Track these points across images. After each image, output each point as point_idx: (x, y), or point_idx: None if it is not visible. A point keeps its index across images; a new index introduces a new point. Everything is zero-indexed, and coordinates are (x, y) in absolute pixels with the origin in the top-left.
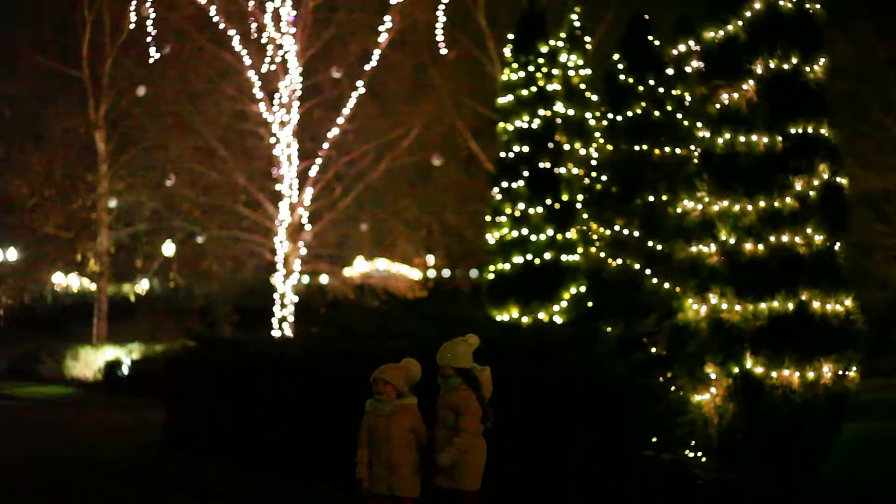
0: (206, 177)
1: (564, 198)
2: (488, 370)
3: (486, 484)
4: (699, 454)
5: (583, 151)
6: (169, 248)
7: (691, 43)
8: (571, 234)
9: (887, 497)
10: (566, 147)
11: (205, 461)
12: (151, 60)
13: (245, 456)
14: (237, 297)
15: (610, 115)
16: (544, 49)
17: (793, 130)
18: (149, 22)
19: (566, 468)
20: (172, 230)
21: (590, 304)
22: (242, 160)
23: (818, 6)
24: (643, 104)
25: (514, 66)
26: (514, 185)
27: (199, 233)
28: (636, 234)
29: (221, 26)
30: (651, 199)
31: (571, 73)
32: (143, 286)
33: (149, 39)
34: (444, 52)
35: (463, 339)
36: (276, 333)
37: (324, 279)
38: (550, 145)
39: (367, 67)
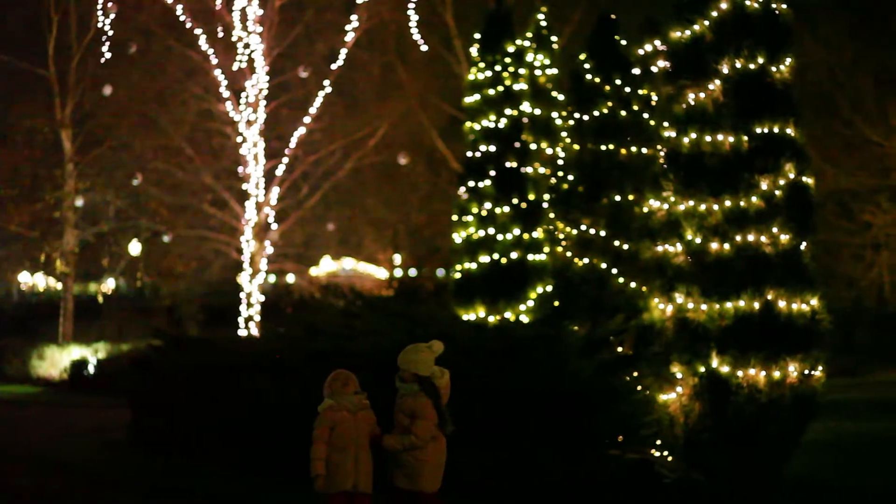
0: (172, 176)
1: (531, 197)
2: (447, 375)
3: (454, 484)
4: (665, 453)
5: (549, 151)
6: (135, 248)
7: (658, 43)
8: (538, 233)
9: (851, 496)
10: (533, 146)
11: (170, 460)
12: (116, 59)
13: (211, 455)
14: (203, 296)
15: (576, 115)
16: (511, 49)
17: (759, 130)
18: (113, 21)
19: (533, 467)
20: (139, 229)
21: (556, 303)
22: (209, 159)
23: (784, 6)
24: (610, 104)
25: (481, 65)
26: (480, 184)
27: (166, 232)
28: (602, 233)
29: (188, 25)
30: (617, 198)
31: (538, 72)
32: (109, 285)
33: (115, 39)
34: (424, 48)
35: (427, 345)
36: (242, 332)
37: (290, 278)
38: (517, 145)
39: (333, 66)
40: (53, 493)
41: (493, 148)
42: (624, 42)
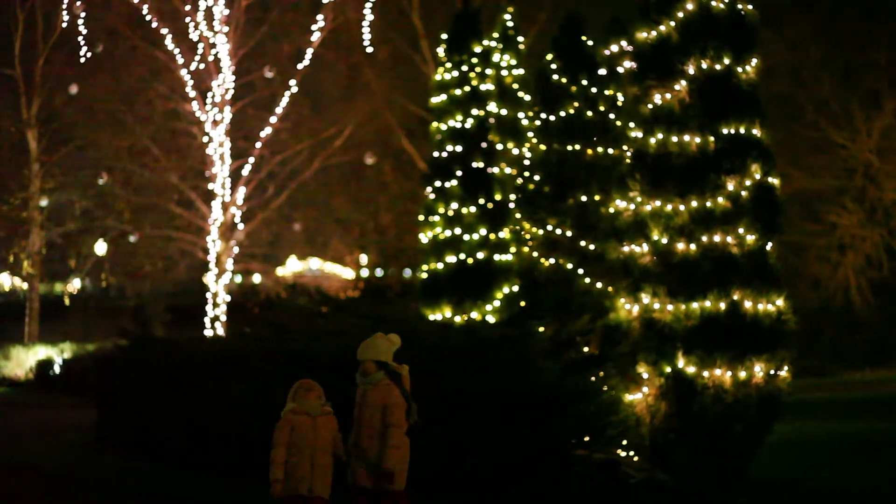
0: (138, 176)
1: (497, 197)
2: (406, 368)
3: (419, 484)
4: (631, 453)
5: (516, 151)
6: (101, 248)
7: (624, 43)
8: (504, 233)
9: (817, 495)
10: (499, 147)
11: (137, 460)
12: (84, 59)
13: (177, 455)
14: (170, 296)
15: (543, 115)
16: (478, 49)
17: (725, 131)
18: (80, 21)
19: (499, 467)
20: (105, 229)
21: (522, 303)
22: (175, 159)
23: (750, 7)
24: (576, 104)
25: (448, 65)
26: (447, 184)
27: (132, 232)
28: (569, 233)
29: (154, 25)
30: (584, 198)
31: (504, 72)
32: (75, 285)
33: (81, 38)
34: (369, 50)
35: (384, 336)
36: (208, 332)
37: (256, 278)
38: (483, 145)
39: (300, 66)
40: (20, 494)
41: (459, 148)
42: (590, 42)
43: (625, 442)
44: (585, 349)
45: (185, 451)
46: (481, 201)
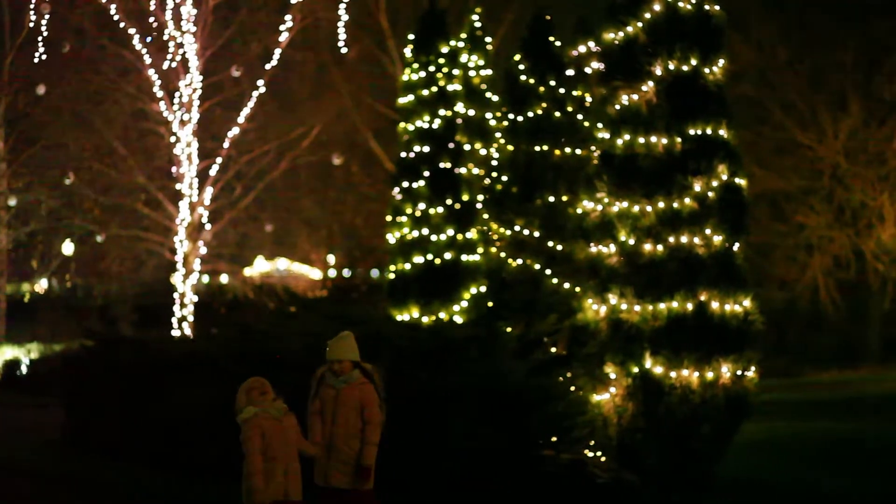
0: (105, 176)
1: (465, 198)
2: (374, 368)
3: (386, 483)
4: (598, 454)
5: (483, 152)
6: (68, 248)
7: (591, 44)
8: (472, 234)
9: (784, 495)
10: (467, 147)
11: (104, 459)
12: (50, 59)
13: (144, 454)
14: (137, 296)
15: (510, 116)
16: (445, 49)
17: (692, 132)
18: (47, 21)
19: (466, 468)
20: (72, 229)
21: (490, 304)
22: (142, 159)
23: (717, 8)
24: (543, 105)
25: (415, 66)
26: (414, 185)
27: (99, 232)
28: (536, 234)
29: (122, 25)
30: (551, 199)
31: (472, 73)
32: (42, 285)
33: (48, 38)
34: (344, 50)
35: (345, 333)
36: (175, 333)
37: (224, 279)
38: (451, 145)
39: (267, 67)
40: None
41: (427, 148)
42: (558, 43)
43: (592, 442)
44: (553, 350)
45: (153, 451)
46: (449, 202)
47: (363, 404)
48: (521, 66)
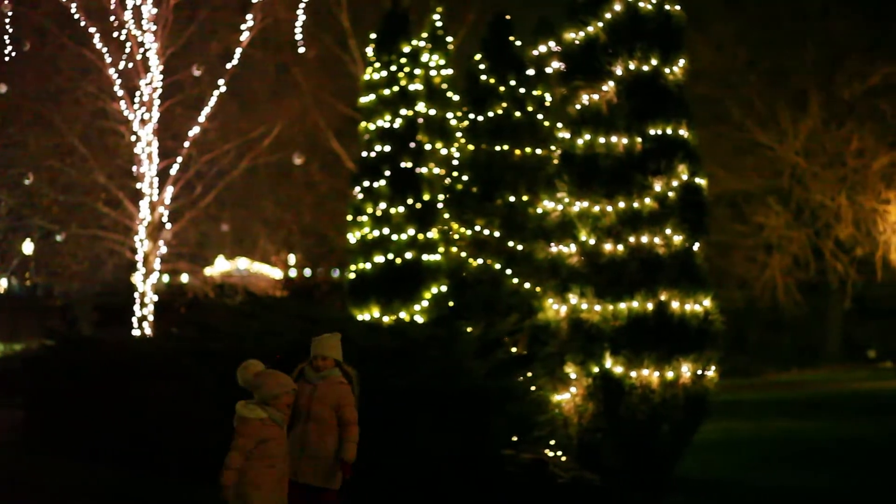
0: (65, 175)
1: (426, 197)
2: (354, 371)
3: (347, 484)
4: (559, 453)
5: (444, 151)
6: (28, 247)
7: (552, 44)
8: (432, 233)
9: (742, 495)
10: (428, 147)
11: (65, 460)
12: (9, 58)
13: (106, 454)
14: (97, 295)
15: (471, 116)
16: (406, 49)
17: (652, 131)
18: (7, 18)
19: (427, 467)
20: (31, 228)
21: (451, 303)
22: (103, 158)
23: (678, 8)
24: (504, 104)
25: (377, 65)
26: (375, 184)
27: (59, 231)
28: (497, 234)
29: (82, 23)
30: (512, 199)
31: (433, 72)
32: (1, 284)
33: (7, 37)
34: (302, 50)
35: (335, 333)
36: (136, 332)
37: (184, 278)
38: (412, 145)
39: (228, 66)
40: None
41: (388, 148)
42: (518, 43)
43: (552, 442)
44: (513, 349)
45: (115, 451)
46: (409, 201)
47: (339, 404)
48: (482, 66)
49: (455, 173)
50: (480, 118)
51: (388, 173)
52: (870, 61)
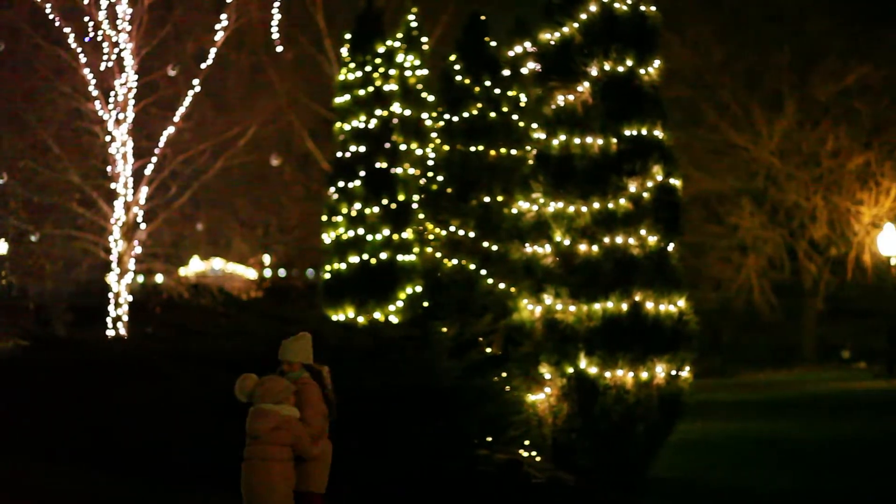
0: (40, 175)
1: (401, 198)
2: (326, 368)
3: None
4: (533, 453)
5: (419, 152)
6: (2, 247)
7: (527, 44)
8: (407, 234)
9: (717, 494)
10: (403, 147)
11: (38, 462)
12: None
13: (78, 455)
14: (72, 296)
15: (446, 116)
16: (381, 49)
17: (627, 132)
18: None
19: (402, 467)
20: (5, 228)
21: (426, 303)
22: (77, 158)
23: (653, 8)
24: (479, 105)
25: (352, 66)
26: (350, 184)
27: (33, 231)
28: (472, 234)
29: (57, 23)
30: (487, 199)
31: (408, 73)
32: None
33: None
34: (279, 49)
35: (302, 334)
36: (110, 333)
37: (159, 279)
38: (387, 145)
39: (203, 66)
40: None
41: (363, 148)
42: (493, 43)
43: (527, 442)
44: (488, 350)
45: (87, 453)
46: (384, 202)
47: (302, 405)
48: (457, 67)
49: (430, 174)
50: (455, 119)
51: (363, 174)
52: (845, 62)
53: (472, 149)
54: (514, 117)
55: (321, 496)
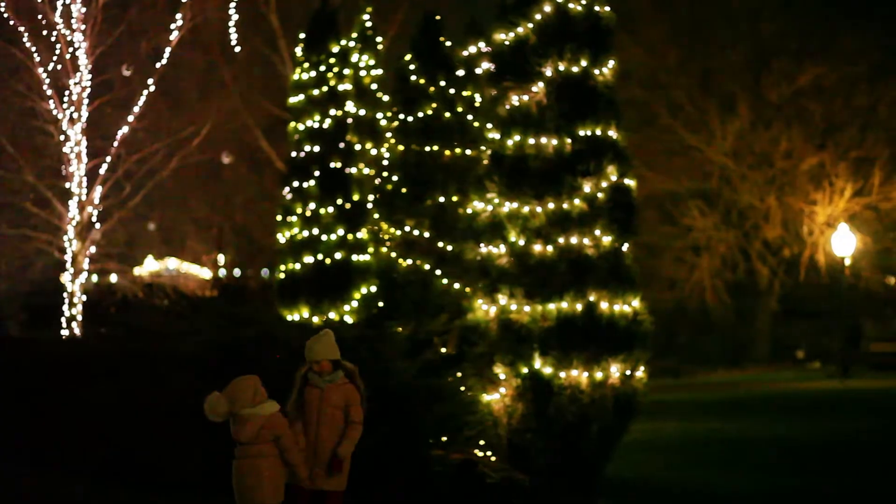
0: None
1: (355, 198)
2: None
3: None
4: (488, 454)
5: (374, 151)
6: None
7: (482, 45)
8: (362, 234)
9: (670, 494)
10: (357, 147)
11: None
12: None
13: (35, 456)
14: (26, 295)
15: (401, 116)
16: (336, 49)
17: (582, 132)
18: None
19: (354, 467)
20: None
21: (380, 303)
22: (31, 157)
23: (608, 9)
24: (434, 105)
25: (306, 65)
26: (305, 184)
27: None
28: (426, 234)
29: (11, 22)
30: (441, 199)
31: (363, 72)
32: None
33: None
34: (238, 49)
35: (325, 332)
36: (65, 333)
37: (113, 278)
38: (341, 145)
39: (158, 65)
40: None
41: (317, 148)
42: (448, 43)
43: (482, 442)
44: (443, 350)
45: (45, 453)
46: (339, 201)
47: (348, 404)
48: (412, 67)
49: (385, 173)
50: (410, 118)
51: (317, 173)
52: (798, 63)
53: (427, 149)
54: (469, 117)
55: (341, 493)
